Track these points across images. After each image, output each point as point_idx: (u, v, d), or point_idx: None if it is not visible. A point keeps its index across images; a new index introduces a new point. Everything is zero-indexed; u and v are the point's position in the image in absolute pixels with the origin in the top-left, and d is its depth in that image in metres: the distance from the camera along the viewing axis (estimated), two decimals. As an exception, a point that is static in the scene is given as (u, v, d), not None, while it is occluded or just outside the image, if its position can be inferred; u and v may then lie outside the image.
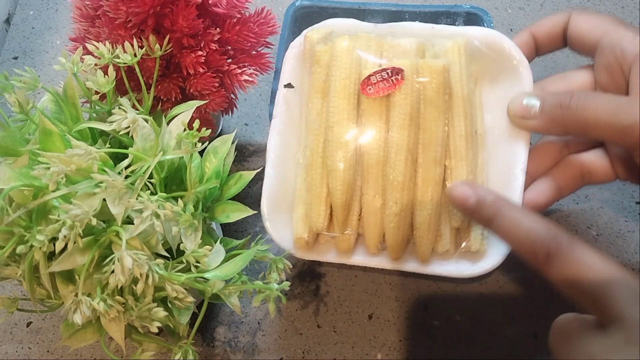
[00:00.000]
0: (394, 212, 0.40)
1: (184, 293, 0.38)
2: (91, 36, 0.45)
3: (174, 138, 0.41)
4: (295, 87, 0.44)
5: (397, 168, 0.39)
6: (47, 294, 0.39)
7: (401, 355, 0.49)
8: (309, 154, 0.42)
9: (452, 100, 0.40)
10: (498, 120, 0.42)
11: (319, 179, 0.41)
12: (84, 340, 0.41)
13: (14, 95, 0.39)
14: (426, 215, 0.40)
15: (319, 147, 0.41)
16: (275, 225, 0.42)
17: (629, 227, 0.54)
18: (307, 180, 0.42)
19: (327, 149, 0.41)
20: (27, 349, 0.51)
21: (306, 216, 0.42)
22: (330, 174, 0.40)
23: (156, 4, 0.42)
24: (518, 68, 0.41)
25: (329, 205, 0.41)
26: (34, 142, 0.39)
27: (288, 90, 0.44)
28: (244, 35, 0.47)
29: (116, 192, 0.36)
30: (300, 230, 0.42)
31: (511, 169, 0.40)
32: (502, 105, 0.41)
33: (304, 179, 0.43)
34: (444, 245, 0.41)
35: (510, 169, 0.40)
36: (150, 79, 0.45)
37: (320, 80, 0.42)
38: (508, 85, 0.41)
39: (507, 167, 0.40)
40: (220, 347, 0.50)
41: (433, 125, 0.40)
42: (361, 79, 0.40)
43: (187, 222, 0.39)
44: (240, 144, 0.60)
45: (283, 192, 0.43)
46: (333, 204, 0.41)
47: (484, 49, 0.42)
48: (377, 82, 0.39)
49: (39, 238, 0.34)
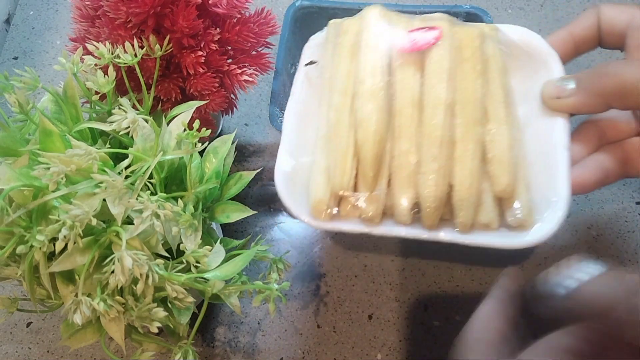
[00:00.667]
0: (431, 169, 0.36)
1: (184, 293, 0.38)
2: (91, 36, 0.45)
3: (174, 138, 0.41)
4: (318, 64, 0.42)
5: (436, 122, 0.36)
6: (47, 294, 0.39)
7: (401, 356, 0.49)
8: (332, 115, 0.39)
9: (488, 69, 0.39)
10: (533, 110, 0.40)
11: (345, 134, 0.38)
12: (84, 340, 0.41)
13: (14, 95, 0.39)
14: (467, 174, 0.36)
15: (345, 106, 0.38)
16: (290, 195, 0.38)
17: (629, 227, 0.54)
18: (330, 144, 0.39)
19: (357, 103, 0.38)
20: (27, 349, 0.51)
21: (327, 177, 0.38)
22: (361, 124, 0.37)
23: (156, 4, 0.42)
24: (547, 60, 0.40)
25: (355, 161, 0.37)
26: (34, 142, 0.39)
27: (309, 67, 0.42)
28: (244, 36, 0.47)
29: (116, 192, 0.36)
30: (321, 193, 0.37)
31: (555, 147, 0.38)
32: (537, 96, 0.40)
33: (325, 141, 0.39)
34: (486, 214, 0.37)
35: (553, 146, 0.38)
36: (151, 79, 0.45)
37: (349, 44, 0.40)
38: (537, 78, 0.40)
39: (548, 146, 0.38)
40: (220, 347, 0.50)
41: (471, 86, 0.38)
42: (393, 42, 0.38)
43: (187, 222, 0.39)
44: (240, 144, 0.60)
45: (299, 172, 0.39)
46: (362, 158, 0.37)
47: (512, 41, 0.41)
48: (415, 38, 0.38)
49: (39, 238, 0.34)
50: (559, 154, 0.37)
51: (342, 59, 0.40)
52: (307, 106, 0.41)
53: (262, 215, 0.56)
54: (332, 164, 0.37)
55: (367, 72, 0.38)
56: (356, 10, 0.59)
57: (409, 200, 0.36)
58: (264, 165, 0.59)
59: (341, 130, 0.38)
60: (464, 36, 0.39)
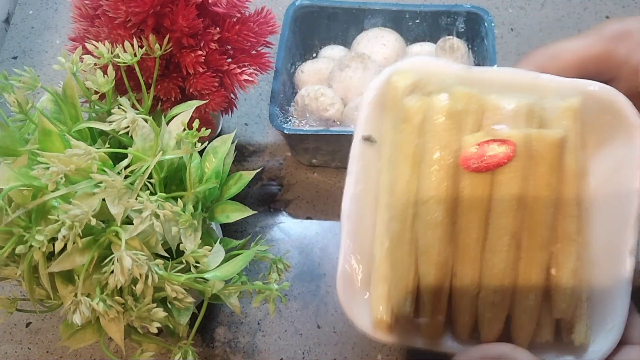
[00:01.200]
0: (491, 301, 0.35)
1: (184, 293, 0.38)
2: (91, 36, 0.45)
3: (173, 138, 0.41)
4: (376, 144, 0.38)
5: (499, 254, 0.34)
6: (47, 294, 0.39)
7: (401, 356, 0.49)
8: (395, 227, 0.36)
9: (564, 175, 0.35)
10: (603, 187, 0.36)
11: (407, 258, 0.36)
12: (84, 340, 0.41)
13: (13, 95, 0.39)
14: (528, 306, 0.35)
15: (407, 221, 0.36)
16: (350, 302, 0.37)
17: (630, 227, 0.54)
18: (392, 257, 0.37)
19: (418, 226, 0.35)
20: (26, 349, 0.51)
21: (388, 296, 0.37)
22: (422, 256, 0.35)
23: (156, 4, 0.42)
24: (631, 131, 0.36)
25: (416, 288, 0.36)
26: (33, 142, 0.39)
27: (366, 144, 0.37)
28: (244, 35, 0.47)
29: (115, 192, 0.36)
30: (381, 311, 0.36)
31: (619, 250, 0.35)
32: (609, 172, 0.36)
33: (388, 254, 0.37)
34: (544, 336, 0.36)
35: (618, 249, 0.35)
36: (150, 79, 0.44)
37: (411, 144, 0.36)
38: (619, 150, 0.36)
39: (613, 246, 0.35)
40: (220, 348, 0.50)
41: (542, 207, 0.34)
42: (461, 149, 0.34)
43: (187, 222, 0.39)
44: (240, 143, 0.60)
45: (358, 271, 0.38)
46: (423, 289, 0.36)
47: (596, 108, 0.36)
48: (482, 154, 0.34)
49: (38, 238, 0.34)
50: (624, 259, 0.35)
51: (402, 165, 0.36)
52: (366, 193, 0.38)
53: (262, 215, 0.56)
54: (392, 283, 0.36)
55: (430, 195, 0.34)
56: (356, 9, 0.60)
57: (468, 325, 0.36)
58: (264, 165, 0.59)
59: (402, 253, 0.36)
60: (541, 146, 0.34)
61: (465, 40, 0.58)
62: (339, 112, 0.55)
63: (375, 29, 0.59)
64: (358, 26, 0.60)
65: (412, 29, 0.59)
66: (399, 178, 0.36)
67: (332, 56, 0.59)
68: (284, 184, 0.58)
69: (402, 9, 0.58)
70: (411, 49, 0.59)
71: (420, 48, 0.59)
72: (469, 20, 0.57)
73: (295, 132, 0.52)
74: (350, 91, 0.55)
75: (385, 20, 0.59)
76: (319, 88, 0.55)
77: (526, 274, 0.35)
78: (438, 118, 0.35)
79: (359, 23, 0.60)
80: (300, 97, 0.55)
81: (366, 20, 0.59)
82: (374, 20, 0.59)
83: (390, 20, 0.59)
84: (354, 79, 0.54)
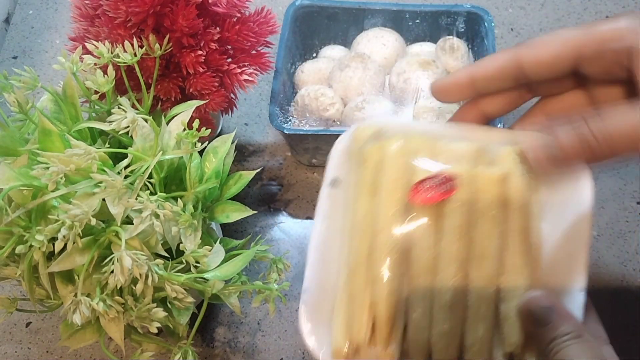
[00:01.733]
0: (442, 331, 0.36)
1: (184, 293, 0.38)
2: (91, 36, 0.45)
3: (173, 138, 0.41)
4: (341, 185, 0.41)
5: (447, 283, 0.36)
6: (47, 294, 0.39)
7: (401, 356, 0.49)
8: (351, 260, 0.39)
9: (509, 212, 0.37)
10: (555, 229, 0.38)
11: (362, 287, 0.38)
12: (84, 340, 0.41)
13: (13, 94, 0.39)
14: (478, 337, 0.36)
15: (363, 253, 0.38)
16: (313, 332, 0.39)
17: (629, 227, 0.54)
18: (348, 288, 0.39)
19: (372, 256, 0.37)
20: (26, 349, 0.51)
21: (346, 327, 0.39)
22: (374, 284, 0.37)
23: (156, 4, 0.42)
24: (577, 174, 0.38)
25: (371, 317, 0.38)
26: (33, 142, 0.39)
27: (333, 188, 0.40)
28: (244, 35, 0.47)
29: (115, 192, 0.36)
30: (340, 342, 0.38)
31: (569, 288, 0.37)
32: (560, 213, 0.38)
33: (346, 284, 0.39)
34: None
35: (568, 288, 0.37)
36: (150, 79, 0.44)
37: (368, 182, 0.39)
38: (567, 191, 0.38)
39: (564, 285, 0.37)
40: (220, 348, 0.50)
41: (486, 240, 0.36)
42: (411, 184, 0.37)
43: (187, 222, 0.39)
44: (240, 143, 0.60)
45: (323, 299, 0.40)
46: (376, 317, 0.38)
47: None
48: (429, 188, 0.36)
49: (38, 238, 0.34)
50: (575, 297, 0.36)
51: (360, 199, 0.39)
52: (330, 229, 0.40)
53: (262, 215, 0.56)
54: (350, 316, 0.38)
55: (382, 226, 0.37)
56: (356, 9, 0.60)
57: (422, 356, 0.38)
58: (264, 165, 0.59)
59: (358, 283, 0.38)
60: (482, 183, 0.36)
61: (465, 40, 0.58)
62: (339, 112, 0.55)
63: (375, 29, 0.59)
64: (358, 26, 0.60)
65: (412, 29, 0.59)
66: (357, 212, 0.39)
67: (332, 56, 0.59)
68: (284, 184, 0.58)
69: (402, 9, 0.58)
70: (411, 49, 0.59)
71: (420, 48, 0.59)
72: (469, 20, 0.57)
73: (295, 132, 0.52)
74: (350, 91, 0.55)
75: (385, 20, 0.59)
76: (319, 88, 0.55)
77: (476, 302, 0.36)
78: (391, 157, 0.38)
79: (359, 23, 0.60)
80: (300, 97, 0.55)
81: (366, 20, 0.59)
82: (374, 20, 0.59)
83: (390, 20, 0.59)
84: (354, 79, 0.54)
